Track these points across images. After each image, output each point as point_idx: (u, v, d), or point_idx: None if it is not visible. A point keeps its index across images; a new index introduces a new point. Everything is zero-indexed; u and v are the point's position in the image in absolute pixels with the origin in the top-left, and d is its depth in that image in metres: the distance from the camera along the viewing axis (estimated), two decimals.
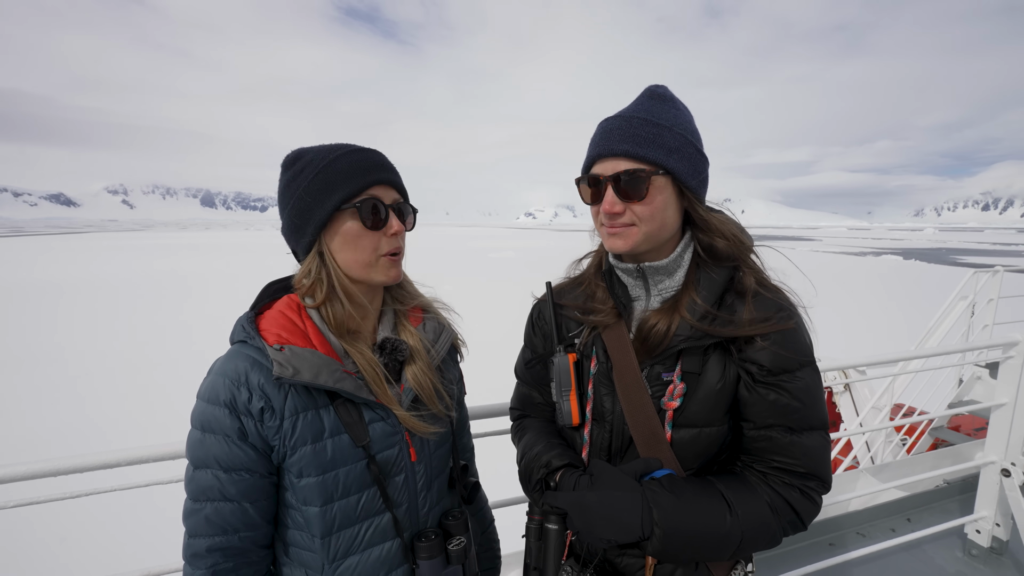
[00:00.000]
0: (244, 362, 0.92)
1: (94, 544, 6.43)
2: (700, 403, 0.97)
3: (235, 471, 0.91)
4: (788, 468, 0.95)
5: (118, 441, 9.56)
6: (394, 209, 0.99)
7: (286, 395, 0.92)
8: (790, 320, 0.96)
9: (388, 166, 1.01)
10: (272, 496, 0.97)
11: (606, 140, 0.97)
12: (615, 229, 0.98)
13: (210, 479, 0.91)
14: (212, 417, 0.91)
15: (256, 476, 0.93)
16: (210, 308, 22.99)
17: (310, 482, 0.93)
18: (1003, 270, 5.14)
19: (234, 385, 0.90)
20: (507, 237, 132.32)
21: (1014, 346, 2.42)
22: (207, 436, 0.91)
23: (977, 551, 2.52)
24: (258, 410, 0.90)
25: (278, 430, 0.92)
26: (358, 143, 1.01)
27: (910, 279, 36.49)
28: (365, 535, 0.99)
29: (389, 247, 0.99)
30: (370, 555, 0.99)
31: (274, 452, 0.93)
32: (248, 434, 0.91)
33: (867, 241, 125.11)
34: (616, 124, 0.97)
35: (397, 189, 1.02)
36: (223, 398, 0.90)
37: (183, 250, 65.46)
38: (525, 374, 1.26)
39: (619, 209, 0.95)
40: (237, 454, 0.91)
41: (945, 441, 5.25)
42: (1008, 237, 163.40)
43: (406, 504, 1.03)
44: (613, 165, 0.96)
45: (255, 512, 0.94)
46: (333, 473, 0.94)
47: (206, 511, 0.92)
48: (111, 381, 13.06)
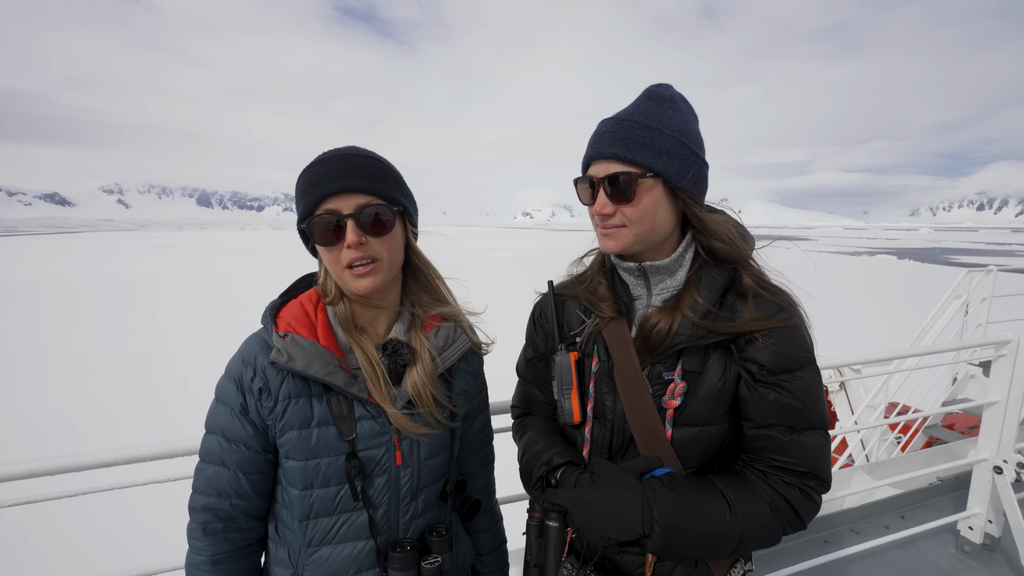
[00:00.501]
0: (256, 344, 1.00)
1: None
2: (700, 402, 0.98)
3: (234, 442, 0.99)
4: (788, 467, 0.96)
5: (104, 440, 9.52)
6: (355, 218, 0.94)
7: (283, 380, 0.98)
8: (791, 319, 0.97)
9: (345, 172, 0.94)
10: (267, 472, 1.03)
11: (598, 143, 0.99)
12: (607, 230, 1.01)
13: (215, 444, 1.00)
14: (224, 390, 1.00)
15: (252, 451, 1.00)
16: (190, 308, 22.85)
17: (294, 465, 0.98)
18: (996, 270, 5.20)
19: (244, 364, 0.99)
20: (503, 236, 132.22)
21: (1006, 344, 2.45)
22: (219, 405, 1.01)
23: (970, 548, 2.54)
24: (257, 389, 0.97)
25: (271, 411, 0.98)
26: (358, 144, 1.00)
27: (903, 279, 36.69)
28: (340, 529, 1.01)
29: (348, 259, 0.95)
30: (342, 550, 1.01)
31: (269, 431, 0.99)
32: (249, 410, 0.98)
33: (862, 241, 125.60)
34: (608, 127, 0.99)
35: (367, 192, 0.95)
36: (234, 374, 0.99)
37: (173, 250, 65.01)
38: (527, 372, 1.27)
39: (609, 211, 0.97)
40: (237, 427, 0.99)
41: (939, 439, 5.29)
42: (1002, 237, 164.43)
43: (385, 507, 1.03)
44: (604, 167, 0.98)
45: (247, 484, 1.00)
46: (315, 461, 0.98)
47: (207, 472, 1.01)
48: (90, 380, 12.94)
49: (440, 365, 1.08)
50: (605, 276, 1.12)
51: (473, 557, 1.25)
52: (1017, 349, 2.43)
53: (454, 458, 1.13)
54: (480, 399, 1.23)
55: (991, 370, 2.55)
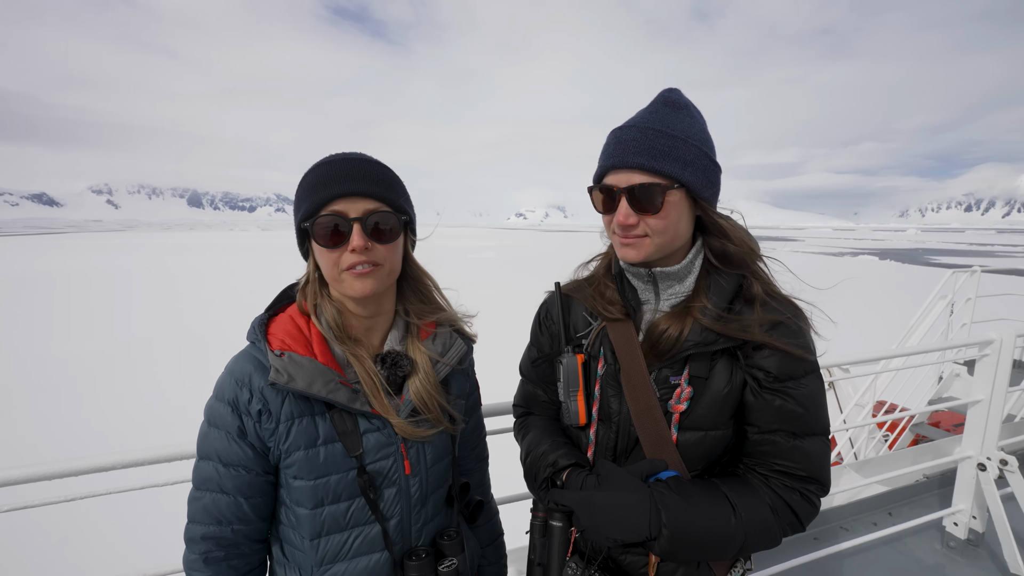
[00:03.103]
0: (250, 364, 0.96)
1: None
2: (706, 407, 0.99)
3: (233, 466, 0.95)
4: (790, 471, 0.97)
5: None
6: (361, 222, 0.93)
7: (283, 400, 0.94)
8: (797, 328, 0.98)
9: (357, 176, 0.93)
10: (268, 494, 1.00)
11: (621, 151, 0.96)
12: (629, 240, 0.98)
13: (211, 471, 0.96)
14: (217, 413, 0.95)
15: (252, 474, 0.96)
16: (169, 309, 22.58)
17: (302, 485, 0.96)
18: (980, 270, 5.30)
19: (238, 385, 0.94)
20: (493, 237, 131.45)
21: (989, 344, 2.50)
22: (212, 430, 0.96)
23: (955, 543, 2.60)
24: (256, 412, 0.94)
25: (274, 432, 0.95)
26: (351, 145, 1.00)
27: (882, 279, 37.09)
28: (353, 544, 0.99)
29: (349, 262, 0.94)
30: (357, 564, 0.99)
31: (271, 453, 0.96)
32: (247, 433, 0.95)
33: (849, 242, 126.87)
34: (631, 135, 0.96)
35: (374, 198, 0.95)
36: (228, 396, 0.95)
37: (155, 251, 63.97)
38: (531, 372, 1.26)
39: (633, 221, 0.95)
40: (236, 451, 0.95)
41: (925, 437, 5.37)
42: (987, 238, 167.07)
43: (397, 517, 1.02)
44: (627, 177, 0.95)
45: (249, 508, 0.97)
46: (324, 479, 0.96)
47: (204, 500, 0.96)
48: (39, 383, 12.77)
49: (441, 371, 1.07)
50: (614, 280, 1.11)
51: (479, 554, 1.26)
52: (1000, 348, 2.49)
53: (456, 461, 1.13)
54: (473, 398, 1.23)
55: (975, 369, 2.60)
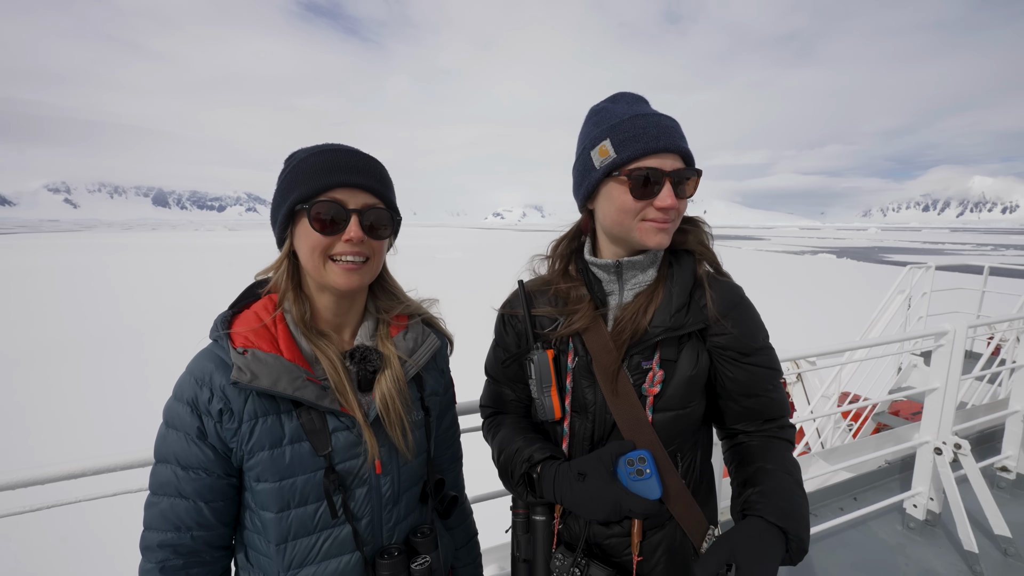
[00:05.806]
0: (211, 362, 0.92)
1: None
2: (677, 387, 1.05)
3: (192, 469, 0.91)
4: (773, 418, 1.10)
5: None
6: (360, 215, 0.92)
7: (246, 399, 0.91)
8: (747, 304, 1.09)
9: (361, 169, 0.93)
10: (230, 498, 0.96)
11: (666, 135, 0.97)
12: (664, 225, 0.99)
13: (168, 474, 0.91)
14: (176, 414, 0.91)
15: (213, 477, 0.92)
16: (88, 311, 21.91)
17: (267, 487, 0.92)
18: (935, 267, 5.58)
19: (198, 384, 0.90)
20: (465, 237, 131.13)
21: (944, 335, 2.63)
22: (170, 431, 0.92)
23: (914, 524, 2.72)
24: (217, 411, 0.90)
25: (236, 433, 0.91)
26: (323, 141, 0.97)
27: (836, 275, 38.96)
28: (322, 546, 0.96)
29: (341, 251, 0.93)
30: (327, 567, 0.96)
31: (232, 454, 0.92)
32: (207, 434, 0.90)
33: (812, 240, 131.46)
34: (669, 122, 0.99)
35: (374, 194, 0.94)
36: (187, 396, 0.91)
37: (105, 250, 61.45)
38: (499, 373, 1.25)
39: (675, 204, 0.97)
40: (195, 453, 0.90)
41: (887, 425, 5.61)
42: (941, 236, 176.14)
43: (368, 517, 0.99)
44: (672, 162, 0.97)
45: (209, 512, 0.93)
46: (291, 480, 0.92)
47: (161, 506, 0.92)
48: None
49: (412, 368, 1.05)
50: (581, 273, 1.13)
51: (453, 552, 1.24)
52: (953, 339, 2.62)
53: (431, 458, 1.11)
54: (448, 396, 1.21)
55: (931, 359, 2.74)
